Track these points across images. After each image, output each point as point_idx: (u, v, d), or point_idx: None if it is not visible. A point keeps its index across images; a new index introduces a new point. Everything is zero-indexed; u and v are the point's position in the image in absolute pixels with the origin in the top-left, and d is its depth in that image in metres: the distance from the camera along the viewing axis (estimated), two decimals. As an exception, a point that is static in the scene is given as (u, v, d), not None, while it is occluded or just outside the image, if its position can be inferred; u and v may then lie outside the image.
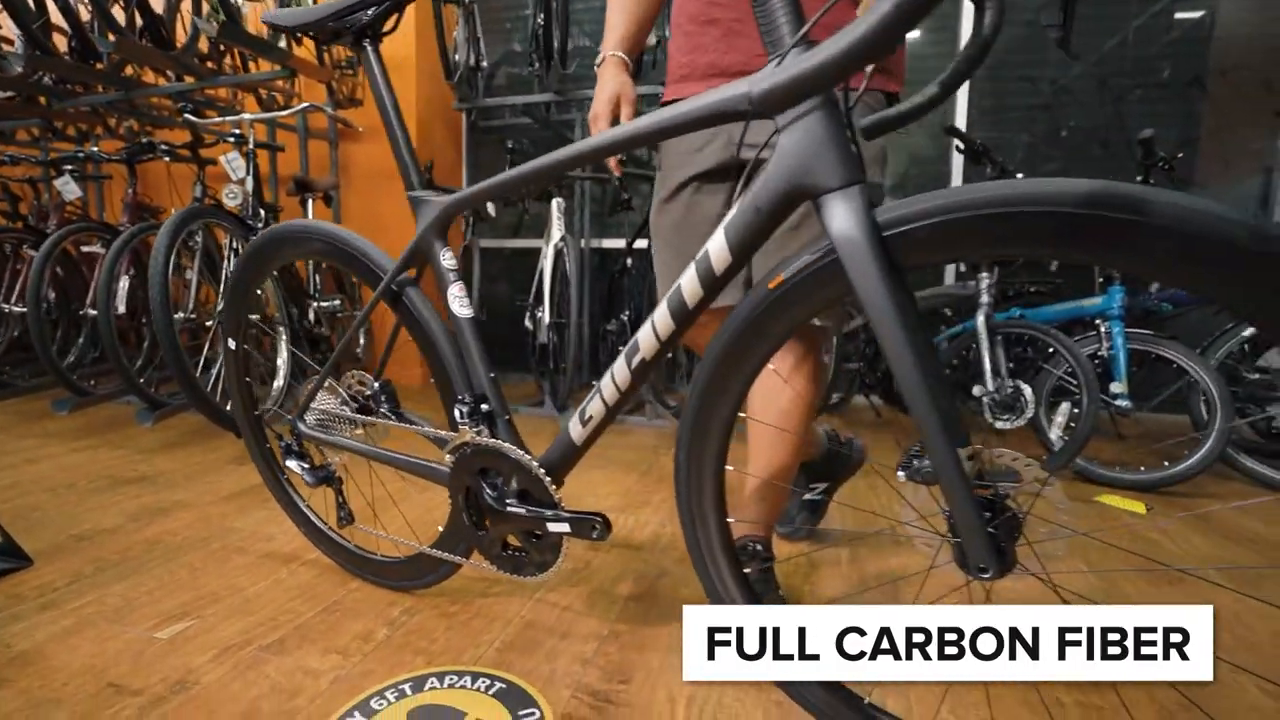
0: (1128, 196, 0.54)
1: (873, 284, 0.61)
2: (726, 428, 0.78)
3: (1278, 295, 0.52)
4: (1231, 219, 0.52)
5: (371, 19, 0.98)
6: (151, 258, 1.75)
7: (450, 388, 0.99)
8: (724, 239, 0.71)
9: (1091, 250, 0.57)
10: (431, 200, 0.99)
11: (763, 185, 0.67)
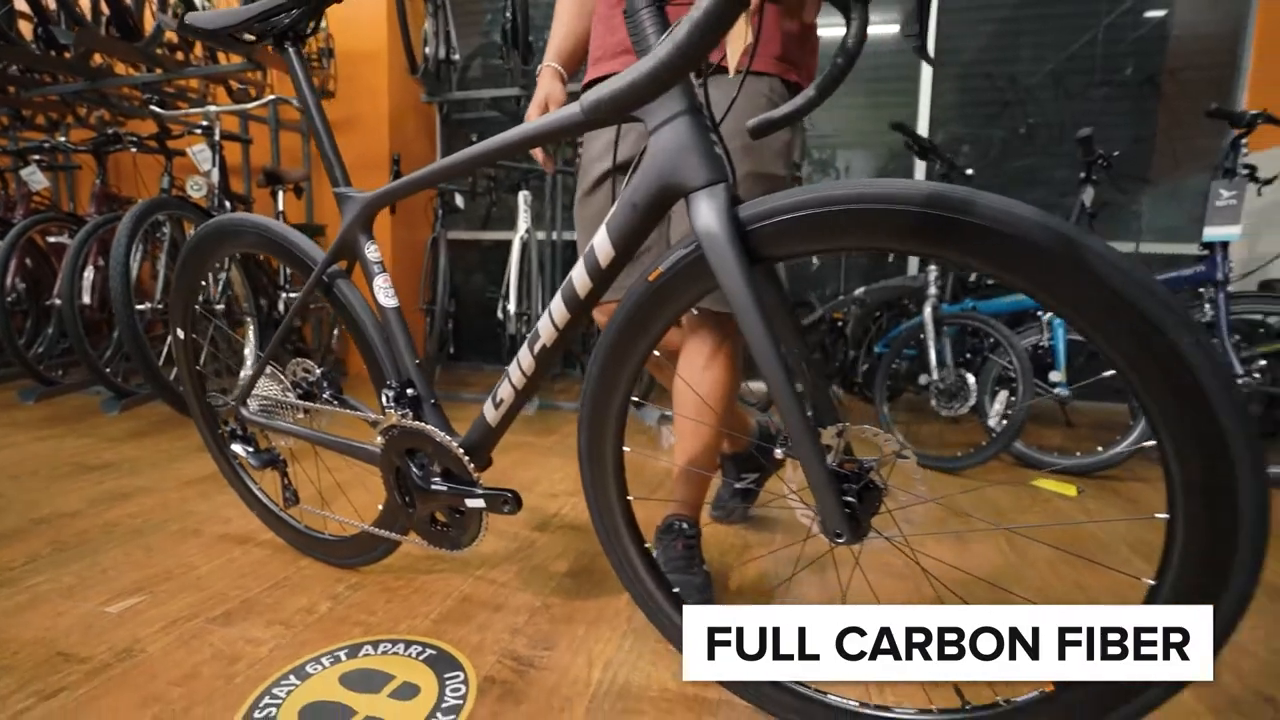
0: (958, 198, 0.60)
1: (732, 275, 0.66)
2: (622, 412, 0.84)
3: (1079, 292, 0.57)
4: (1045, 223, 0.58)
5: (290, 23, 1.02)
6: (113, 248, 1.78)
7: (380, 374, 1.04)
8: (606, 234, 0.77)
9: (930, 244, 0.63)
10: (354, 196, 1.04)
11: (637, 183, 0.73)
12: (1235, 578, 0.57)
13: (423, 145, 3.81)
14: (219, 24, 1.01)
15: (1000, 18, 3.20)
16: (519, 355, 0.89)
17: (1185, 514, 0.58)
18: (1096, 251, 0.56)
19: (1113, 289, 0.55)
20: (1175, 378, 0.55)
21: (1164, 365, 0.55)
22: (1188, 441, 0.56)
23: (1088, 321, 0.58)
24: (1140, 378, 0.57)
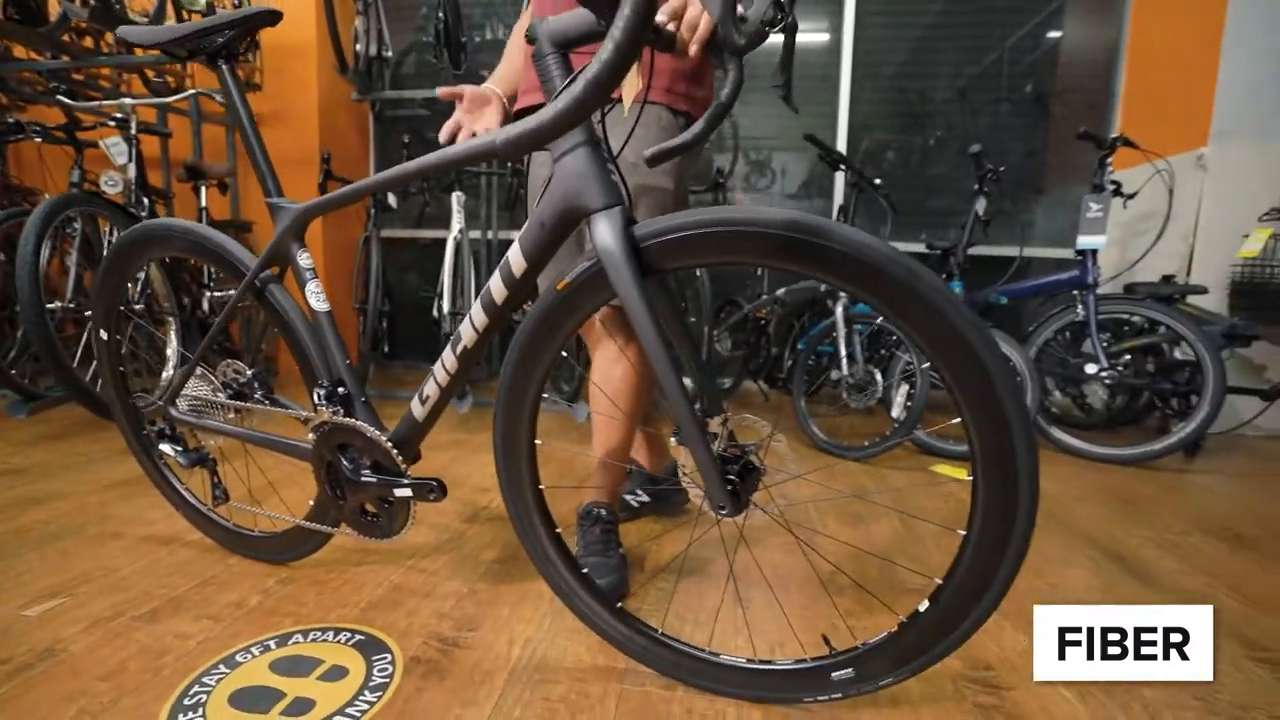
0: (815, 225, 0.72)
1: (628, 286, 0.76)
2: (534, 408, 0.93)
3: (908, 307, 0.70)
4: (886, 251, 0.70)
5: (224, 42, 1.05)
6: (20, 246, 1.72)
7: (311, 374, 1.08)
8: (519, 249, 0.85)
9: (792, 262, 0.74)
10: (287, 207, 1.08)
11: (545, 205, 0.82)
12: (1019, 523, 0.71)
13: (354, 140, 3.75)
14: (152, 40, 1.03)
15: (914, 36, 3.44)
16: (443, 356, 0.96)
17: (984, 476, 0.72)
18: (925, 277, 0.68)
19: (931, 304, 0.68)
20: (973, 372, 0.68)
21: (966, 362, 0.68)
22: (982, 418, 0.70)
23: (913, 329, 0.71)
24: (950, 372, 0.70)
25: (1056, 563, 1.43)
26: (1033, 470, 0.69)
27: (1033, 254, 3.32)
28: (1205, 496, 1.93)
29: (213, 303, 2.67)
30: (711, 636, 1.07)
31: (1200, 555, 1.49)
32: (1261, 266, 2.48)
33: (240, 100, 1.09)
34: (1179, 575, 1.38)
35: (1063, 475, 2.11)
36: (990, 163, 2.35)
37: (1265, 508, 1.84)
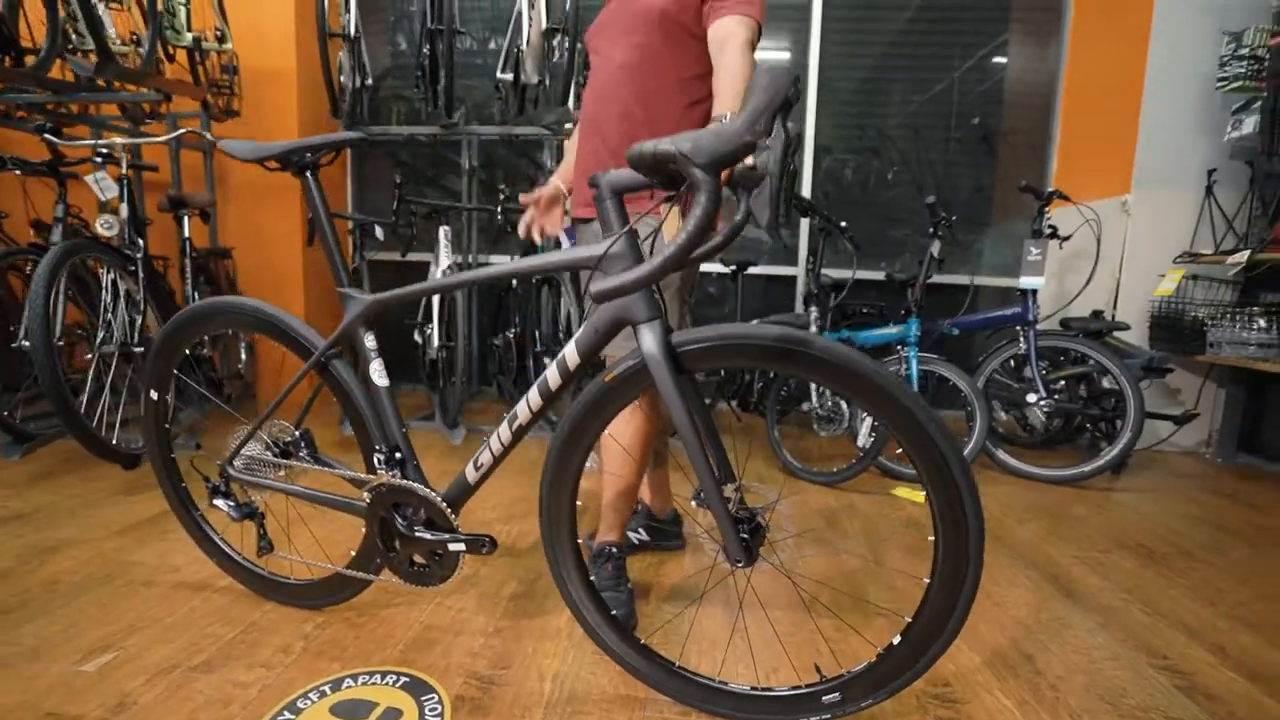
0: (799, 338, 0.90)
1: (666, 383, 0.94)
2: (576, 478, 1.08)
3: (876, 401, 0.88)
4: (857, 357, 0.88)
5: (313, 158, 1.17)
6: (30, 296, 1.76)
7: (369, 439, 1.20)
8: (574, 348, 1.01)
9: (785, 364, 0.92)
10: (358, 298, 1.19)
11: (599, 315, 0.97)
12: (971, 571, 0.90)
13: (334, 167, 3.78)
14: (253, 155, 1.15)
15: (870, 65, 3.68)
16: (499, 430, 1.10)
17: (942, 535, 0.91)
18: (885, 375, 0.88)
19: (893, 397, 0.87)
20: (925, 445, 0.87)
21: (917, 434, 0.88)
22: (938, 487, 0.89)
23: (880, 416, 0.89)
24: (907, 447, 0.89)
25: (1003, 583, 1.65)
26: (980, 532, 0.88)
27: (982, 283, 3.61)
28: (1126, 514, 2.20)
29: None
30: (720, 666, 1.24)
31: (1119, 572, 1.74)
32: (1175, 304, 2.80)
33: (321, 204, 1.20)
34: (1101, 592, 1.62)
35: (1006, 495, 2.36)
36: (943, 211, 2.59)
37: (1174, 523, 2.12)
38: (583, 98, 1.54)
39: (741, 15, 1.29)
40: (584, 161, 1.48)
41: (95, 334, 2.11)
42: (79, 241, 1.98)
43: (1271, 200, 2.58)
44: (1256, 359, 2.48)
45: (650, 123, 1.38)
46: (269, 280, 3.53)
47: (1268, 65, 2.52)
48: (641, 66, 1.38)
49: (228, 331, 2.89)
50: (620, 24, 1.42)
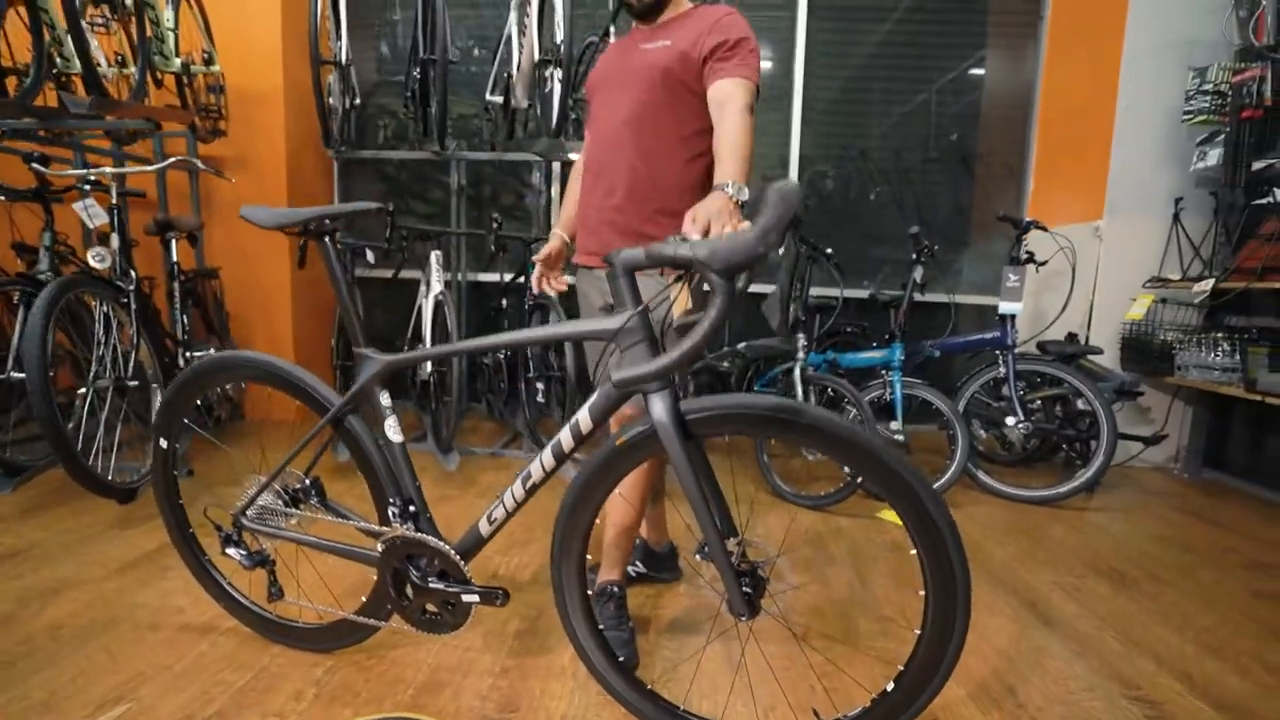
0: (793, 407, 0.96)
1: (675, 448, 0.99)
2: (587, 535, 1.12)
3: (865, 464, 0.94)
4: (846, 425, 0.94)
5: (333, 226, 1.20)
6: (26, 334, 1.76)
7: (382, 492, 1.24)
8: (588, 414, 1.06)
9: (780, 432, 0.98)
10: (375, 358, 1.22)
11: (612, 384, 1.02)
12: (959, 624, 0.97)
13: (319, 184, 3.78)
14: (275, 223, 1.17)
15: (852, 89, 3.76)
16: (512, 488, 1.14)
17: (932, 593, 0.97)
18: (874, 443, 0.94)
19: (881, 461, 0.94)
20: (911, 498, 0.94)
21: (907, 497, 0.94)
22: (927, 544, 0.95)
23: (873, 480, 0.96)
24: (900, 507, 0.95)
25: (984, 610, 1.73)
26: (967, 587, 0.95)
27: (961, 301, 3.72)
28: (1100, 536, 2.30)
29: (189, 361, 2.69)
30: (723, 709, 1.29)
31: (1093, 598, 1.83)
32: (1145, 327, 2.92)
33: (340, 269, 1.23)
34: (1078, 619, 1.71)
35: (986, 515, 2.45)
36: (926, 240, 2.68)
37: (1144, 545, 2.23)
38: (585, 147, 1.58)
39: (741, 78, 1.34)
40: (589, 214, 1.52)
41: (88, 368, 2.10)
42: (75, 277, 1.98)
43: (1235, 229, 2.70)
44: (1220, 383, 2.60)
45: (653, 178, 1.43)
46: (256, 298, 3.52)
47: (1230, 101, 2.64)
48: (644, 123, 1.42)
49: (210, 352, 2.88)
50: (622, 79, 1.46)
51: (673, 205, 1.43)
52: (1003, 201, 3.75)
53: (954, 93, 3.72)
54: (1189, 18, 2.87)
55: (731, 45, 1.35)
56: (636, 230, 1.44)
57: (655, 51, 1.41)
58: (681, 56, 1.38)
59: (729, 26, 1.37)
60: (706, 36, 1.37)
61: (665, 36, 1.42)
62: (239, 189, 3.31)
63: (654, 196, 1.44)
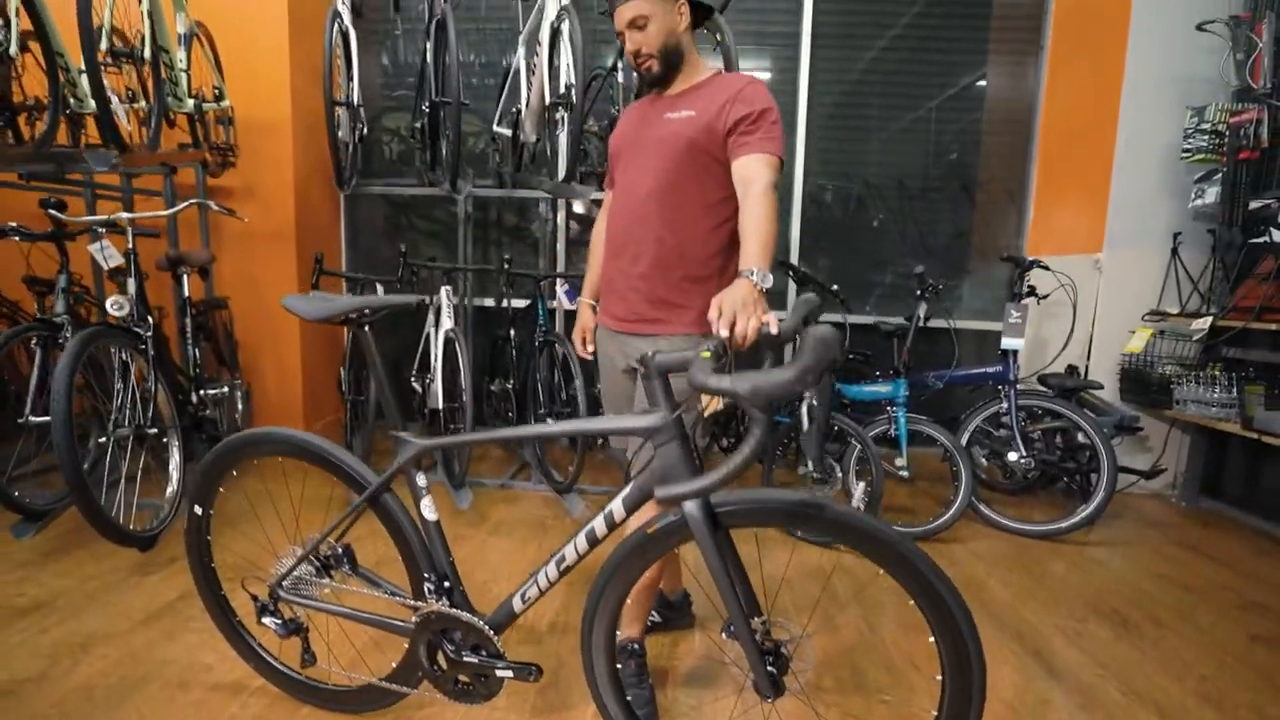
0: (816, 503, 1.01)
1: (705, 539, 1.04)
2: (617, 611, 1.17)
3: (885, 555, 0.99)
4: (869, 523, 0.99)
5: (371, 316, 1.24)
6: (55, 381, 1.80)
7: (418, 568, 1.27)
8: (621, 505, 1.10)
9: (805, 525, 1.03)
10: (411, 442, 1.25)
11: (647, 477, 1.07)
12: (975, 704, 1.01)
13: (326, 211, 3.81)
14: (318, 315, 1.21)
15: (856, 118, 3.81)
16: (546, 569, 1.19)
17: (949, 677, 1.02)
18: (896, 537, 0.99)
19: (902, 555, 0.99)
20: (931, 593, 0.99)
21: (926, 592, 0.99)
22: (944, 633, 1.00)
23: (893, 573, 1.00)
24: (914, 594, 1.00)
25: (991, 659, 1.76)
26: (983, 676, 1.00)
27: (962, 326, 3.76)
28: (1100, 574, 2.36)
29: (204, 398, 2.72)
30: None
31: (1095, 644, 1.88)
32: (1144, 359, 2.97)
33: (377, 355, 1.26)
34: (1080, 668, 1.76)
35: (989, 550, 2.51)
36: (930, 279, 2.72)
37: (1144, 583, 2.28)
38: (609, 210, 1.60)
39: (766, 154, 1.36)
40: (615, 280, 1.55)
41: (106, 416, 2.13)
42: (97, 329, 2.01)
43: (1232, 267, 2.76)
44: (1219, 419, 2.66)
45: (680, 247, 1.46)
46: (266, 327, 3.54)
47: (1227, 142, 2.69)
48: (671, 195, 1.44)
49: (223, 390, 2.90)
50: (647, 147, 1.48)
51: (698, 272, 1.47)
52: (1003, 228, 3.80)
53: (954, 120, 3.77)
54: (1188, 55, 2.92)
55: (755, 118, 1.37)
56: (663, 299, 1.47)
57: (679, 122, 1.44)
58: (706, 128, 1.40)
59: (752, 98, 1.39)
60: (731, 108, 1.38)
61: (688, 106, 1.44)
62: (248, 215, 3.34)
63: (680, 265, 1.46)
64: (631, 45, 1.46)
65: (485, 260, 3.98)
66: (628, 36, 1.46)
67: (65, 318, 2.30)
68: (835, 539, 1.02)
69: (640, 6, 1.42)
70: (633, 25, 1.44)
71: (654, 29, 1.43)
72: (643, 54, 1.45)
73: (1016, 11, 3.65)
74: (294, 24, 3.30)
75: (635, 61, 1.48)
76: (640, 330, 1.50)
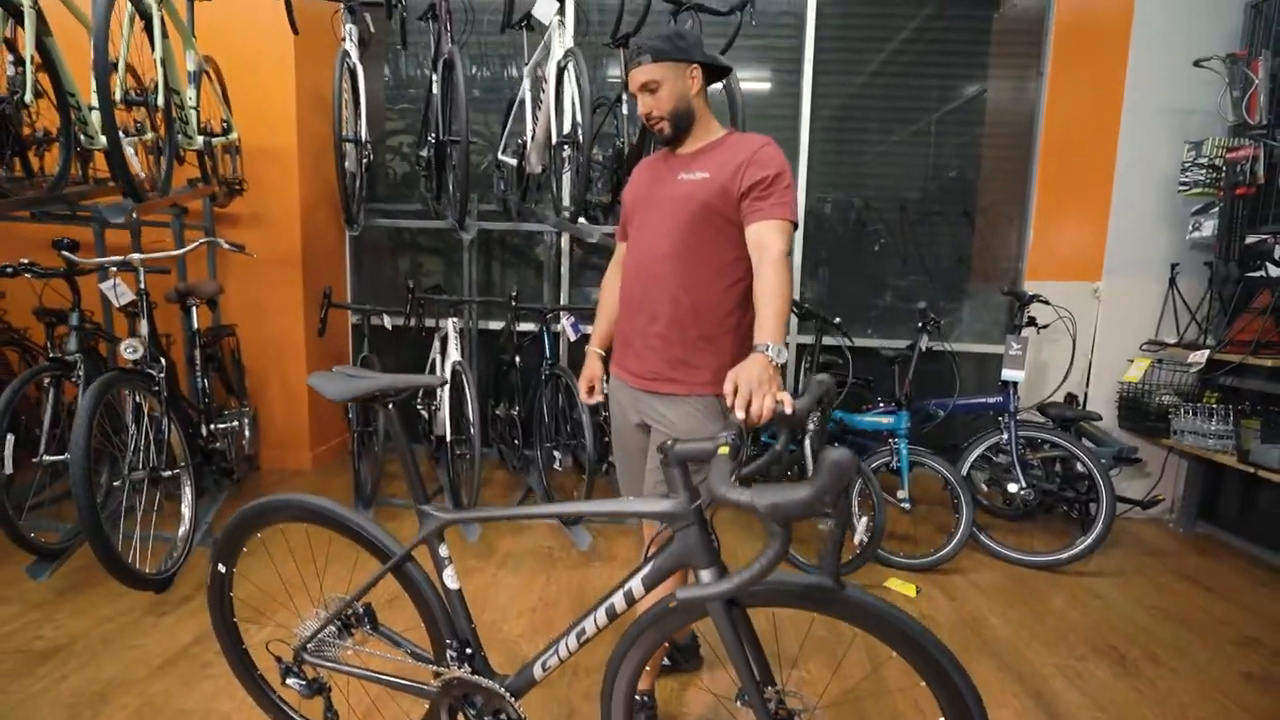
0: (832, 587, 1.03)
1: (721, 617, 1.08)
2: (636, 677, 1.20)
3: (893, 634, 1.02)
4: (883, 608, 1.02)
5: (396, 396, 1.27)
6: (75, 426, 1.84)
7: (439, 633, 1.30)
8: (640, 582, 1.13)
9: (819, 608, 1.06)
10: (434, 515, 1.27)
11: (665, 558, 1.10)
12: None
13: (332, 236, 3.83)
14: (343, 396, 1.23)
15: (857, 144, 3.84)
16: (566, 640, 1.21)
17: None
18: (911, 623, 1.02)
19: (915, 641, 1.01)
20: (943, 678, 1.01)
21: (939, 677, 1.02)
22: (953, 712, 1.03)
23: (907, 658, 1.04)
24: (926, 678, 1.03)
25: (992, 702, 1.82)
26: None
27: (960, 349, 3.79)
28: (1099, 608, 2.40)
29: (215, 432, 2.75)
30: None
31: (1094, 684, 1.92)
32: (1142, 388, 3.01)
33: (402, 432, 1.29)
34: (1080, 710, 1.80)
35: (989, 582, 2.55)
36: (933, 314, 2.76)
37: (1142, 619, 2.32)
38: (625, 270, 1.61)
39: (779, 220, 1.38)
40: (631, 337, 1.57)
41: (120, 457, 2.16)
42: (114, 375, 2.04)
43: (1229, 300, 2.80)
44: (1215, 450, 2.70)
45: (695, 307, 1.48)
46: (272, 353, 3.57)
47: (1224, 177, 2.73)
48: (687, 256, 1.47)
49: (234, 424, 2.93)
50: (661, 207, 1.50)
51: (712, 331, 1.50)
52: (1003, 251, 3.83)
53: (954, 139, 3.80)
54: (1186, 87, 2.95)
55: (769, 183, 1.40)
56: (680, 359, 1.50)
57: (693, 184, 1.46)
58: (721, 191, 1.43)
59: (767, 161, 1.41)
60: (745, 171, 1.41)
61: (702, 167, 1.47)
62: (255, 244, 3.36)
63: (695, 324, 1.49)
64: (644, 108, 1.49)
65: (490, 281, 4.01)
66: (640, 99, 1.49)
67: (78, 356, 2.34)
68: (849, 621, 1.05)
69: (652, 71, 1.45)
70: (644, 88, 1.47)
71: (665, 93, 1.46)
72: (654, 116, 1.48)
73: (1017, 25, 3.67)
74: (300, 53, 3.33)
75: (647, 122, 1.51)
76: (657, 389, 1.54)
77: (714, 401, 1.50)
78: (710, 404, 1.50)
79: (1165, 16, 3.00)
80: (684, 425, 1.51)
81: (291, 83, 3.35)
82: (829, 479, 0.80)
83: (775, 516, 0.83)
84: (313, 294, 3.55)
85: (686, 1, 2.58)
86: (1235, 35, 2.92)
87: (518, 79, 3.50)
